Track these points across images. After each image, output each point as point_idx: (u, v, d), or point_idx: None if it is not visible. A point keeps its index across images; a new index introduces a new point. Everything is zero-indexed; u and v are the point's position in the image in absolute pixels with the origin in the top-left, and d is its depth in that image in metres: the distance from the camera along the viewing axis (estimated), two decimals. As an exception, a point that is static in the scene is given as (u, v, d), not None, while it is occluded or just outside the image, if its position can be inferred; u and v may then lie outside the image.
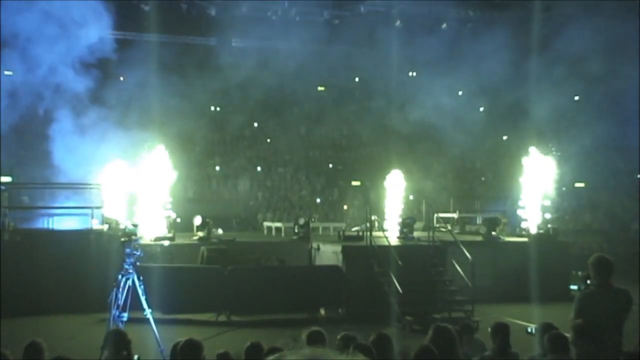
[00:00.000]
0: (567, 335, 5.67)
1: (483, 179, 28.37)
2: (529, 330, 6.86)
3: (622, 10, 23.87)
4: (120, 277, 9.95)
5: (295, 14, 27.25)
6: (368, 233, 15.90)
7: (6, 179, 20.37)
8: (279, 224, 21.18)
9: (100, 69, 20.94)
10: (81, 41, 20.96)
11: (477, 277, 14.32)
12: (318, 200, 26.28)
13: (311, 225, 18.78)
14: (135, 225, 10.68)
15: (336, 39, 25.88)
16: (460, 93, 26.81)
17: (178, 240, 16.91)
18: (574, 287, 6.82)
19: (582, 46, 22.81)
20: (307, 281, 15.10)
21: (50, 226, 16.37)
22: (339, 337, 5.73)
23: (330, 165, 28.20)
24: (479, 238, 18.08)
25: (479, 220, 21.20)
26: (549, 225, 18.75)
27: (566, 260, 17.73)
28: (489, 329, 6.81)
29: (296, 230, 18.10)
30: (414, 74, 29.11)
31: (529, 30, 24.52)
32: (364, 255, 15.38)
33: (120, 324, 9.32)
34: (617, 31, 23.57)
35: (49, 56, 20.64)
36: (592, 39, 22.89)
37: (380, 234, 16.25)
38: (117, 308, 9.68)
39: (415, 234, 18.01)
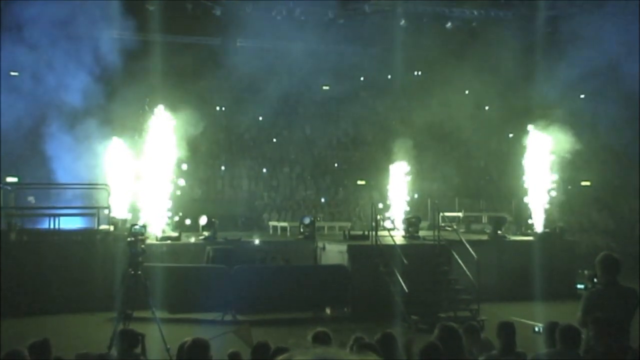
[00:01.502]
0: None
1: (488, 177, 28.31)
2: (537, 329, 6.84)
3: (628, 8, 23.76)
4: (126, 276, 9.98)
5: (300, 13, 27.25)
6: (373, 232, 15.88)
7: (12, 179, 20.44)
8: (284, 224, 21.19)
9: (104, 69, 20.99)
10: (86, 41, 21.05)
11: (482, 276, 14.30)
12: (323, 199, 26.28)
13: (316, 224, 18.78)
14: (142, 226, 10.72)
15: (341, 39, 25.86)
16: (466, 92, 26.76)
17: (184, 240, 16.95)
18: (580, 286, 6.79)
19: (587, 44, 22.74)
20: (312, 280, 15.12)
21: (57, 226, 16.43)
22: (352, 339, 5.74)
23: (336, 165, 28.20)
24: (485, 237, 18.05)
25: (484, 220, 21.18)
26: (558, 224, 18.72)
27: (572, 259, 17.69)
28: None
29: (301, 230, 18.12)
30: (419, 73, 29.08)
31: (534, 29, 24.48)
32: (369, 254, 15.38)
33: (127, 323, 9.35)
34: (622, 29, 23.48)
35: (54, 56, 20.75)
36: (597, 37, 22.81)
37: (385, 233, 16.24)
38: (124, 307, 9.71)
39: (421, 233, 18.00)
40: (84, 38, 21.30)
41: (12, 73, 21.68)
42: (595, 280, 6.30)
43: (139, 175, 17.25)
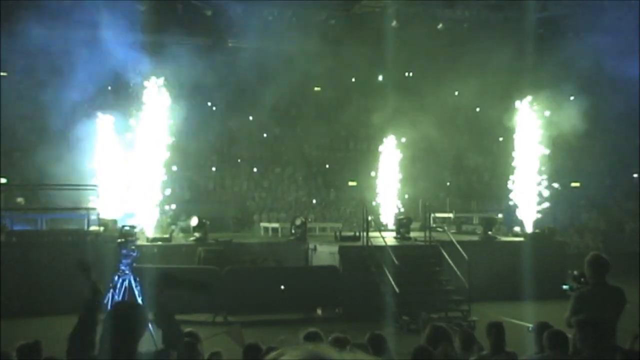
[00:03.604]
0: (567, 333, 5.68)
1: (478, 178, 28.37)
2: (530, 329, 6.87)
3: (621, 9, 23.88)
4: (116, 278, 9.95)
5: (291, 14, 27.24)
6: (364, 233, 15.89)
7: (1, 180, 20.33)
8: (275, 225, 21.17)
9: (96, 70, 20.92)
10: (75, 40, 20.98)
11: (473, 276, 14.34)
12: (314, 200, 26.27)
13: (308, 225, 18.78)
14: (132, 227, 10.69)
15: (332, 39, 25.87)
16: (456, 93, 26.82)
17: (175, 241, 16.90)
18: (565, 286, 6.81)
19: (578, 46, 22.85)
20: (303, 281, 15.12)
21: (46, 227, 16.35)
22: (330, 338, 5.72)
23: (327, 166, 28.18)
24: (476, 238, 18.10)
25: (475, 220, 21.25)
26: (547, 225, 18.83)
27: (562, 259, 17.76)
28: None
29: (293, 231, 18.10)
30: (410, 74, 29.11)
31: (525, 30, 24.57)
32: (360, 255, 15.39)
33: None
34: (611, 30, 23.60)
35: (44, 57, 20.68)
36: (587, 38, 22.91)
37: (376, 234, 16.26)
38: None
39: (412, 234, 18.03)
40: (76, 39, 21.24)
41: (2, 73, 21.59)
42: (582, 280, 6.33)
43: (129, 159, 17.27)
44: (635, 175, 28.11)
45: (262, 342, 6.31)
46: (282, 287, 14.36)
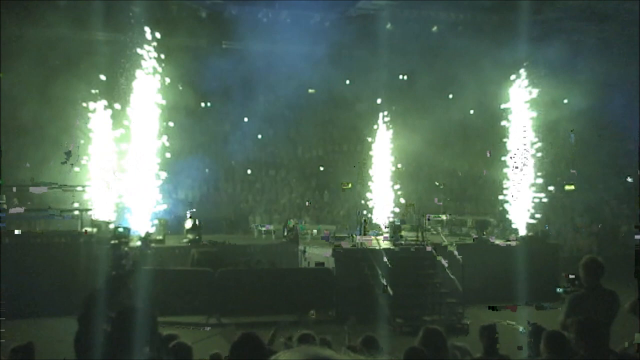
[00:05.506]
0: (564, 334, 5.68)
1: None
2: (522, 330, 6.88)
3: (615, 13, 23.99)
4: (109, 279, 9.89)
5: (285, 15, 27.24)
6: (358, 235, 15.90)
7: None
8: (269, 227, 21.18)
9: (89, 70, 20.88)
10: (69, 40, 20.92)
11: (467, 279, 14.35)
12: (307, 203, 26.25)
13: (300, 227, 18.79)
14: (125, 229, 10.66)
15: (327, 41, 25.87)
16: (450, 96, 26.86)
17: (168, 243, 16.86)
18: (559, 289, 6.83)
19: (572, 49, 22.93)
20: (297, 283, 15.11)
21: (39, 228, 16.28)
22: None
23: (321, 168, 28.17)
24: (469, 240, 18.12)
25: (469, 223, 21.28)
26: (541, 228, 18.89)
27: (556, 262, 17.80)
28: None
29: (285, 233, 18.11)
30: (405, 77, 29.12)
31: (519, 33, 24.64)
32: (354, 257, 15.38)
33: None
34: (605, 34, 23.72)
35: (37, 57, 20.60)
36: (581, 41, 23.02)
37: (370, 236, 16.27)
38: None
39: (406, 235, 18.03)
40: (69, 39, 21.19)
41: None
42: (576, 283, 6.34)
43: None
44: (629, 179, 28.20)
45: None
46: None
